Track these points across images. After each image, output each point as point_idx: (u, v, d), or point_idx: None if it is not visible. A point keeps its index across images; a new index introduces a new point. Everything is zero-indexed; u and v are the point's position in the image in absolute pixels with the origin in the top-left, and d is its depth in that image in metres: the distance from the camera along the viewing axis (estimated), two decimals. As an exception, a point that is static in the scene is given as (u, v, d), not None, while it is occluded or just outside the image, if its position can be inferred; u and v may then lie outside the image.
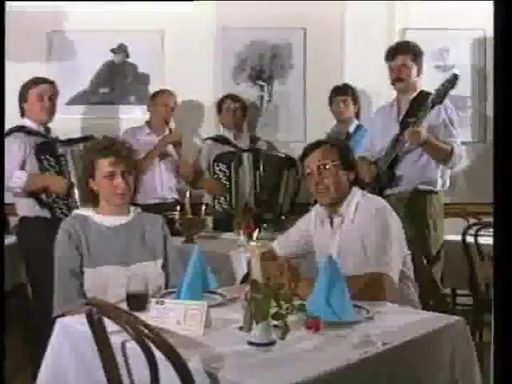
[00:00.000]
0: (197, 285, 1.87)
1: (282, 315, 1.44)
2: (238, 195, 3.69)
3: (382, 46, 3.27)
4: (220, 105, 3.95)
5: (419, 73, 3.03)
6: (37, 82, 2.90)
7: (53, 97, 2.92)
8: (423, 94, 2.97)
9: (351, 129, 3.62)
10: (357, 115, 3.67)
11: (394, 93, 3.52)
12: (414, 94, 3.01)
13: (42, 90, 2.87)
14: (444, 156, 2.87)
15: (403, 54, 3.01)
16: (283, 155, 3.75)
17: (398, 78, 3.02)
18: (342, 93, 3.61)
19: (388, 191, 2.97)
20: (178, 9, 3.88)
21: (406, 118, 2.96)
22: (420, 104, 2.90)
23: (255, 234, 2.93)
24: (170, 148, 3.61)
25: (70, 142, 2.96)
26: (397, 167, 2.95)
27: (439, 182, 2.97)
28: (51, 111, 2.93)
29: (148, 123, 3.67)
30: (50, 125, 2.99)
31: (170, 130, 3.56)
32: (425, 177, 2.94)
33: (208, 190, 3.84)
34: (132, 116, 3.97)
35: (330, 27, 3.85)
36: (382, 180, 2.98)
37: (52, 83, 2.94)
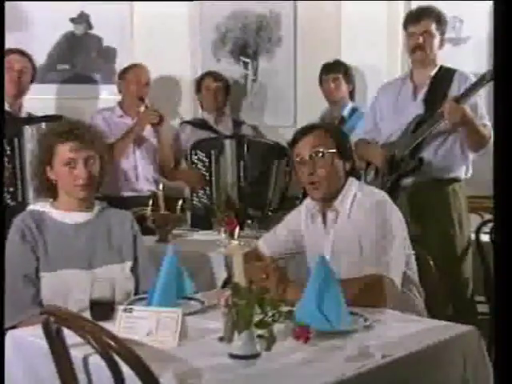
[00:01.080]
0: (171, 290, 1.87)
1: (267, 323, 1.44)
2: (219, 188, 3.69)
3: (382, 17, 3.29)
4: (198, 84, 3.95)
5: (441, 44, 2.96)
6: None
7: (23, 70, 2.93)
8: (445, 70, 2.92)
9: (345, 112, 3.62)
10: (351, 96, 3.67)
11: (397, 70, 3.53)
12: (435, 69, 2.94)
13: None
14: (481, 141, 2.81)
15: (428, 19, 2.89)
16: (272, 143, 3.76)
17: (420, 46, 2.91)
18: (333, 70, 3.60)
19: (406, 180, 2.93)
20: (149, -26, 3.89)
21: (431, 96, 2.90)
22: (442, 80, 2.84)
23: (237, 232, 2.93)
24: (148, 131, 3.61)
25: (30, 120, 2.96)
26: (420, 153, 2.89)
27: (463, 169, 2.94)
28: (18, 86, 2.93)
29: (120, 104, 3.67)
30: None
31: (147, 108, 3.56)
32: (448, 163, 2.88)
33: (185, 181, 3.85)
34: (98, 96, 3.95)
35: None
36: (401, 167, 2.92)
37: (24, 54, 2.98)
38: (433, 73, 2.95)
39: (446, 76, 2.89)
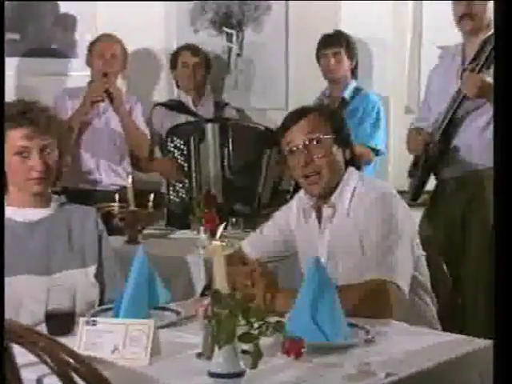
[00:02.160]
0: (141, 299, 1.87)
1: (252, 337, 1.44)
2: (200, 180, 3.70)
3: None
4: (173, 60, 3.95)
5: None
6: None
7: None
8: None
9: (347, 93, 3.64)
10: (353, 73, 3.68)
11: (406, 43, 3.54)
12: (489, 33, 2.81)
13: None
14: None
15: None
16: (262, 127, 3.76)
17: (467, 14, 2.82)
18: (333, 44, 3.60)
19: (444, 173, 2.91)
20: None
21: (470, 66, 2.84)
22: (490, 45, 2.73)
23: (219, 231, 2.94)
24: (111, 114, 3.59)
25: None
26: (455, 137, 2.85)
27: None
28: None
29: (90, 83, 3.67)
30: None
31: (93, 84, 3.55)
32: None
33: (160, 173, 3.85)
34: (55, 72, 3.93)
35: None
36: (431, 155, 2.91)
37: None
38: (484, 38, 2.82)
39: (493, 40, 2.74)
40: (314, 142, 2.07)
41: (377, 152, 3.60)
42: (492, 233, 2.75)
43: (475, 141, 2.83)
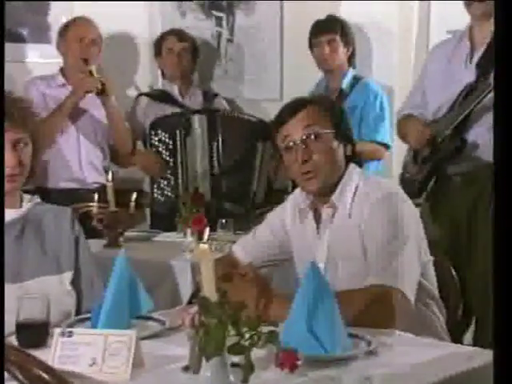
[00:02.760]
0: (122, 308, 1.87)
1: (243, 348, 1.44)
2: (186, 177, 3.70)
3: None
4: (158, 46, 3.95)
5: None
6: None
7: None
8: None
9: (345, 83, 3.64)
10: (350, 62, 3.69)
11: (411, 29, 3.53)
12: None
13: None
14: None
15: None
16: (255, 119, 3.77)
17: None
18: (327, 30, 3.60)
19: (452, 168, 2.92)
20: None
21: (487, 58, 2.82)
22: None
23: (207, 233, 2.95)
24: (94, 105, 3.59)
25: None
26: (466, 132, 2.86)
27: None
28: None
29: (62, 70, 3.66)
30: None
31: (91, 73, 3.55)
32: None
33: (142, 169, 3.85)
34: (26, 59, 3.91)
35: None
36: (442, 150, 2.91)
37: None
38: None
39: None
40: (313, 137, 2.06)
41: (386, 146, 3.61)
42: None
43: (486, 137, 2.85)
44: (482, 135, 2.84)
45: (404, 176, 3.08)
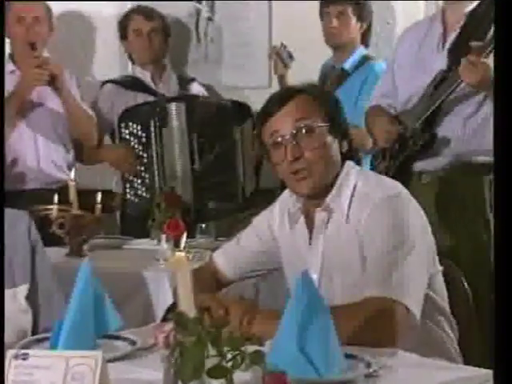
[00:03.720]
0: (86, 326, 1.86)
1: (225, 370, 1.43)
2: (163, 174, 3.70)
3: None
4: (123, 27, 3.93)
5: None
6: None
7: None
8: (491, 3, 2.78)
9: (350, 62, 3.65)
10: (364, 40, 3.71)
11: (421, 10, 3.55)
12: (475, 3, 2.90)
13: None
14: None
15: None
16: (229, 102, 3.80)
17: None
18: (337, 0, 3.62)
19: (419, 165, 2.98)
20: None
21: (460, 44, 2.88)
22: (484, 19, 2.79)
23: (184, 239, 2.96)
24: (51, 95, 3.59)
25: None
26: (437, 126, 2.93)
27: None
28: None
29: (11, 56, 3.65)
30: None
31: (41, 61, 3.52)
32: (483, 140, 2.83)
33: (112, 166, 3.85)
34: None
35: None
36: (409, 146, 2.97)
37: None
38: (470, 8, 2.92)
39: (488, 11, 2.82)
40: (304, 131, 2.06)
41: None
42: (478, 235, 2.89)
43: (458, 130, 2.91)
44: (453, 129, 2.91)
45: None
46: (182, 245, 2.97)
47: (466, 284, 2.28)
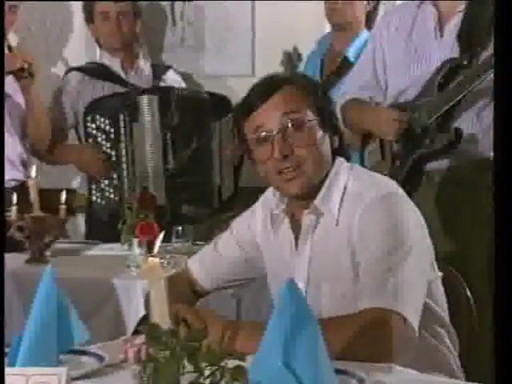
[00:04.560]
0: (49, 340, 1.86)
1: (203, 388, 1.46)
2: (133, 174, 3.70)
3: None
4: (88, 9, 3.91)
5: None
6: None
7: None
8: None
9: (352, 49, 3.67)
10: (369, 21, 3.71)
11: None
12: None
13: None
14: None
15: None
16: (207, 95, 3.80)
17: None
18: None
19: (431, 164, 2.99)
20: None
21: (468, 31, 2.88)
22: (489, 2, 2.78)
23: (158, 244, 2.95)
24: (12, 89, 3.58)
25: None
26: (453, 120, 2.93)
27: None
28: None
29: None
30: None
31: (10, 48, 3.53)
32: None
33: (76, 165, 3.84)
34: None
35: None
36: (425, 143, 2.97)
37: None
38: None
39: None
40: (293, 126, 2.06)
41: None
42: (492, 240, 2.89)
43: (472, 126, 2.92)
44: (467, 124, 2.92)
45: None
46: (156, 250, 2.96)
47: (468, 292, 2.28)
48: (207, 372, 1.45)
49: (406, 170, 3.01)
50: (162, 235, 2.46)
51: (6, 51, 3.51)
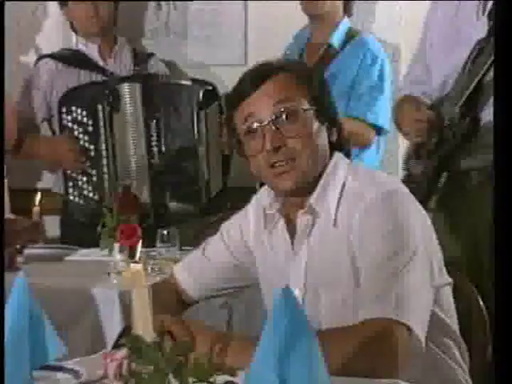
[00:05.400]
0: (21, 355, 1.86)
1: (190, 406, 1.46)
2: (114, 171, 3.71)
3: None
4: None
5: None
6: None
7: None
8: None
9: (335, 37, 3.70)
10: (347, 9, 3.76)
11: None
12: None
13: None
14: None
15: None
16: (193, 83, 3.81)
17: None
18: None
19: (467, 162, 2.95)
20: None
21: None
22: None
23: (139, 249, 2.96)
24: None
25: None
26: (479, 110, 2.88)
27: None
28: None
29: None
30: None
31: None
32: None
33: (49, 161, 3.84)
34: None
35: None
36: (448, 138, 2.95)
37: None
38: None
39: None
40: (286, 116, 2.06)
41: (378, 130, 3.66)
42: None
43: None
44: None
45: (406, 176, 3.12)
46: (139, 255, 2.97)
47: (481, 302, 2.29)
48: (196, 390, 1.45)
49: (432, 169, 3.00)
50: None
51: None
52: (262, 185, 2.23)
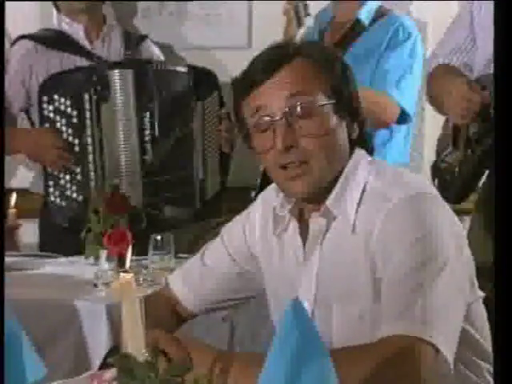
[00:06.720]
0: None
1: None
2: (102, 168, 3.72)
3: None
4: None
5: None
6: None
7: None
8: None
9: (365, 13, 3.74)
10: None
11: None
12: None
13: None
14: None
15: None
16: (190, 69, 3.82)
17: None
18: None
19: None
20: None
21: None
22: None
23: (129, 256, 2.96)
24: None
25: None
26: None
27: None
28: None
29: None
30: None
31: None
32: None
33: (26, 155, 3.85)
34: None
35: None
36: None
37: None
38: None
39: None
40: (301, 111, 2.06)
41: (402, 115, 3.67)
42: None
43: None
44: None
45: (438, 167, 3.10)
46: (129, 264, 2.98)
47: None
48: (194, 415, 1.48)
49: (473, 160, 2.99)
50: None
51: None
52: (262, 182, 2.24)
